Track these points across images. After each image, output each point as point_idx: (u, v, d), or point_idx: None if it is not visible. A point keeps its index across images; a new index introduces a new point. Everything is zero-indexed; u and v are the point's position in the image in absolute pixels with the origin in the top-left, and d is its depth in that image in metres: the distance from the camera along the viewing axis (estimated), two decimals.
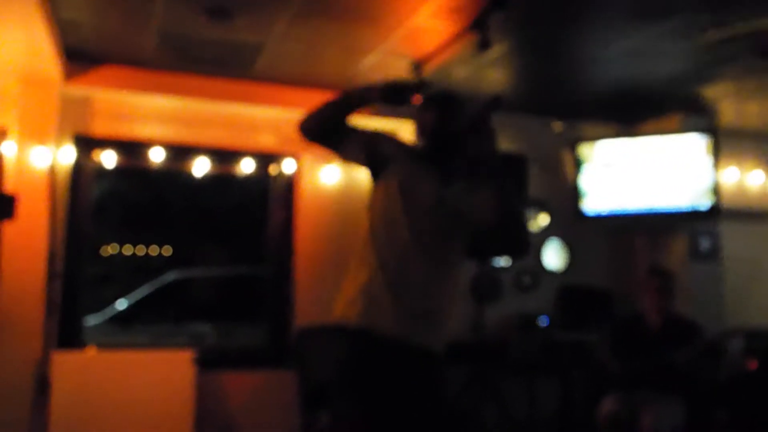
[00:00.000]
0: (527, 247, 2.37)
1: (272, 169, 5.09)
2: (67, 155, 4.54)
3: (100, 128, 4.66)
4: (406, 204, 2.29)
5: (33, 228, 4.23)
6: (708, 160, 5.11)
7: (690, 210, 5.17)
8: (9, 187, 4.24)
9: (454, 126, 2.31)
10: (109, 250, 12.56)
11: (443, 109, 2.38)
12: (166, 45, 4.15)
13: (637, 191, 5.29)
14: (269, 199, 5.19)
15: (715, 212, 5.16)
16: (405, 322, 2.22)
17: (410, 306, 2.24)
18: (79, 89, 4.49)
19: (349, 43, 4.07)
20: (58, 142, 4.46)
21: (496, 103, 2.22)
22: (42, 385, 4.14)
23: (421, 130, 2.43)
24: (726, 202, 5.42)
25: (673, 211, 5.21)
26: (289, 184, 5.09)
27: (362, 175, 5.13)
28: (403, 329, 2.22)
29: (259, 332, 5.30)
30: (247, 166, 4.99)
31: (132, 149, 4.74)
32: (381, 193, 2.38)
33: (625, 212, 5.35)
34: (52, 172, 4.38)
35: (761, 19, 3.58)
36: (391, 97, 2.40)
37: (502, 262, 5.33)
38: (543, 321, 5.20)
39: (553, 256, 5.63)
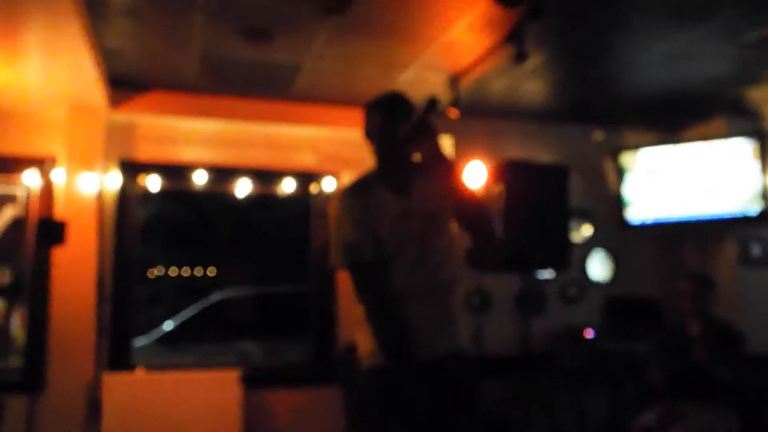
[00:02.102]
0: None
1: (313, 188, 5.13)
2: (113, 180, 4.64)
3: (144, 153, 4.77)
4: (384, 242, 2.30)
5: (82, 253, 4.34)
6: (755, 164, 4.98)
7: (739, 216, 5.04)
8: (59, 214, 4.36)
9: (401, 127, 2.30)
10: (156, 272, 12.80)
11: (390, 110, 2.39)
12: (206, 69, 4.24)
13: (683, 198, 5.18)
14: (310, 217, 5.22)
15: (766, 217, 5.02)
16: (423, 342, 2.26)
17: (420, 324, 2.28)
18: (123, 115, 4.61)
19: (385, 59, 4.09)
20: (105, 168, 4.58)
21: (432, 104, 2.26)
22: (93, 407, 4.22)
23: (369, 134, 2.44)
24: None
25: (722, 217, 5.08)
26: (331, 195, 5.12)
27: None
28: (423, 349, 2.26)
29: (305, 349, 5.31)
30: (288, 186, 5.04)
31: (176, 172, 4.84)
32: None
33: (671, 220, 5.24)
34: (100, 197, 4.49)
35: None
36: None
37: (547, 274, 5.26)
38: (589, 333, 5.11)
39: (598, 267, 5.54)
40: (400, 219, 2.31)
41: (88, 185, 4.42)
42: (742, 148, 5.01)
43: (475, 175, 4.50)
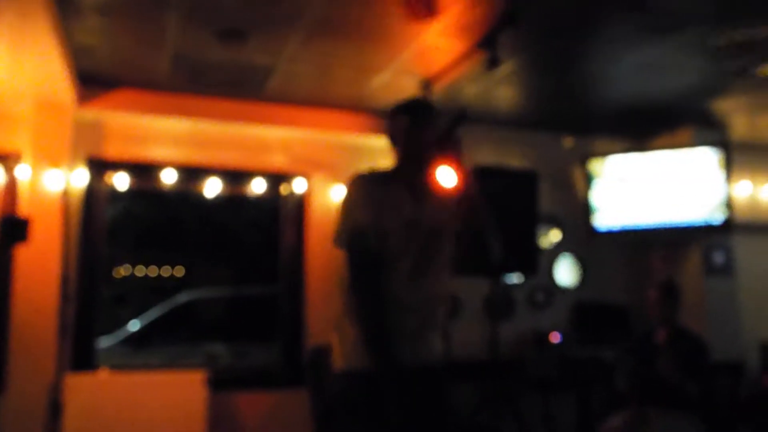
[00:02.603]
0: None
1: (283, 189, 5.11)
2: (80, 178, 4.57)
3: (112, 151, 4.69)
4: (387, 237, 2.27)
5: (46, 251, 4.26)
6: (720, 174, 5.09)
7: (703, 224, 5.14)
8: (23, 211, 4.28)
9: (427, 134, 2.30)
10: (123, 271, 12.63)
11: (416, 114, 2.38)
12: (178, 68, 4.20)
13: (650, 206, 5.27)
14: (280, 219, 5.20)
15: (729, 226, 5.12)
16: (407, 352, 2.24)
17: (409, 332, 2.27)
18: (92, 113, 4.53)
19: (359, 62, 4.10)
20: (72, 166, 4.50)
21: (462, 115, 2.26)
22: (55, 408, 4.14)
23: (394, 138, 2.41)
24: (739, 216, 5.39)
25: (687, 225, 5.18)
26: (299, 204, 5.11)
27: None
28: (407, 358, 2.23)
29: (272, 352, 5.28)
30: (258, 187, 5.01)
31: (145, 171, 4.77)
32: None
33: (638, 227, 5.32)
34: (66, 195, 4.41)
35: None
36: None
37: (515, 279, 5.31)
38: (555, 337, 5.16)
39: (566, 273, 5.60)
40: (408, 223, 2.29)
41: (54, 182, 4.33)
42: (708, 157, 5.12)
43: (446, 179, 4.52)
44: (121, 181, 4.73)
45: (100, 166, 4.67)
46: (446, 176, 2.29)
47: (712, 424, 3.92)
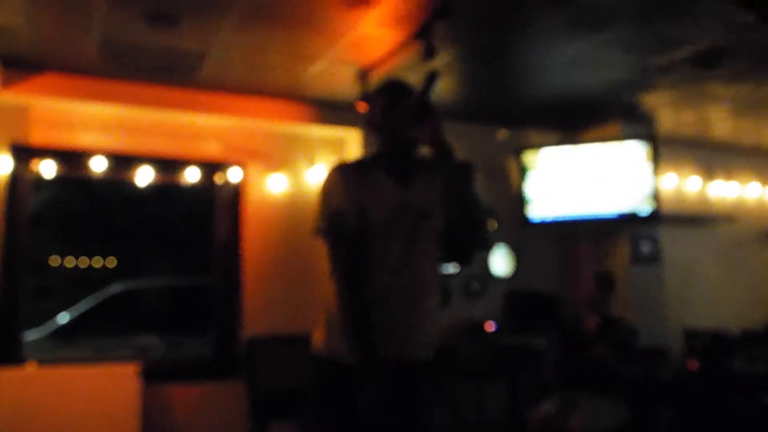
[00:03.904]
0: (485, 244, 2.36)
1: (218, 178, 5.03)
2: (3, 165, 4.39)
3: (38, 137, 4.53)
4: (372, 223, 2.22)
5: None
6: (647, 166, 5.27)
7: (631, 215, 5.31)
8: None
9: (404, 111, 2.20)
10: (51, 262, 12.22)
11: (391, 94, 2.32)
12: (107, 52, 4.07)
13: (580, 197, 5.42)
14: (215, 208, 5.12)
15: (655, 217, 5.32)
16: (391, 340, 2.18)
17: (393, 324, 2.20)
18: (16, 97, 4.35)
19: (294, 50, 4.06)
20: None
21: (431, 79, 2.16)
22: None
23: (373, 122, 2.36)
24: (665, 208, 5.59)
25: (615, 216, 5.34)
26: (235, 193, 5.04)
27: (309, 184, 5.11)
28: (389, 348, 2.17)
29: (207, 343, 5.21)
30: (191, 175, 4.91)
31: (72, 158, 4.62)
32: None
33: (568, 218, 5.46)
34: None
35: (695, 30, 3.72)
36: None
37: (451, 268, 5.37)
38: (490, 326, 5.25)
39: (500, 262, 5.70)
40: (394, 209, 2.23)
41: None
42: (636, 150, 5.29)
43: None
44: (47, 169, 4.57)
45: (24, 153, 4.49)
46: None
47: (636, 406, 4.07)
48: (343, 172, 2.29)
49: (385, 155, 2.33)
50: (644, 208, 5.27)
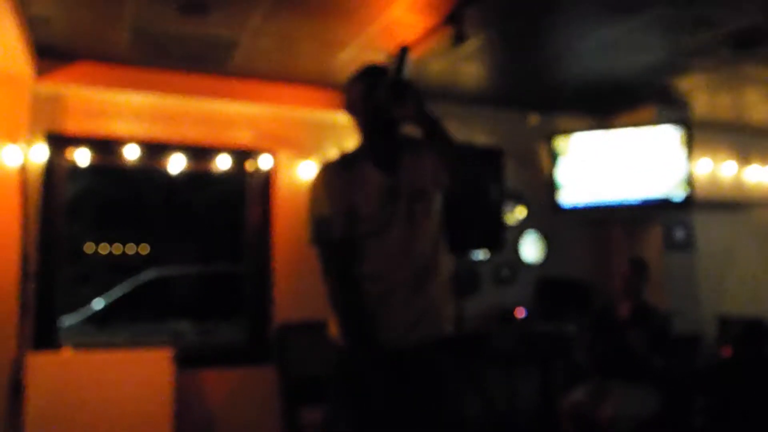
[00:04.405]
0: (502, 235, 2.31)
1: (249, 165, 5.06)
2: (39, 154, 4.47)
3: (73, 126, 4.59)
4: (364, 219, 2.21)
5: (5, 228, 4.16)
6: (682, 151, 5.17)
7: (664, 201, 5.23)
8: None
9: (382, 94, 2.15)
10: (86, 249, 12.44)
11: (368, 79, 2.29)
12: (139, 41, 4.10)
13: (613, 183, 5.35)
14: (246, 196, 5.15)
15: (689, 203, 5.23)
16: (399, 328, 2.18)
17: (400, 313, 2.19)
18: (51, 86, 4.42)
19: (324, 37, 4.05)
20: (30, 141, 4.39)
21: (402, 54, 2.12)
22: (16, 388, 4.08)
23: (353, 110, 2.33)
24: (700, 193, 5.50)
25: (648, 202, 5.27)
26: (265, 180, 5.06)
27: None
28: (398, 337, 2.18)
29: (239, 329, 5.27)
30: (223, 163, 4.95)
31: (106, 147, 4.68)
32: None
33: (600, 204, 5.40)
34: (24, 171, 4.31)
35: (731, 11, 3.63)
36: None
37: (481, 255, 5.35)
38: (521, 312, 5.23)
39: (531, 249, 5.67)
40: (386, 197, 2.21)
41: (12, 158, 4.22)
42: (670, 135, 5.20)
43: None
44: (82, 157, 4.63)
45: (60, 142, 4.56)
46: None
47: (669, 394, 4.03)
48: (326, 175, 2.30)
49: (369, 143, 2.31)
50: (678, 194, 5.19)
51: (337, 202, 2.22)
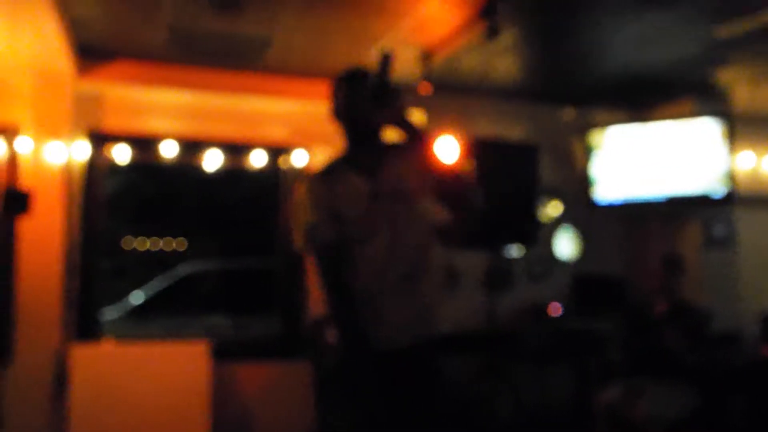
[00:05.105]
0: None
1: (282, 162, 5.10)
2: (81, 151, 4.57)
3: (112, 123, 4.69)
4: (350, 224, 2.23)
5: (49, 223, 4.27)
6: (722, 145, 5.06)
7: (704, 196, 5.13)
8: (24, 183, 4.28)
9: (364, 98, 2.19)
10: (124, 244, 12.67)
11: (351, 84, 2.30)
12: (175, 39, 4.17)
13: (650, 178, 5.25)
14: (280, 191, 5.20)
15: (730, 198, 5.11)
16: (391, 330, 2.21)
17: (391, 314, 2.22)
18: (91, 85, 4.52)
19: (357, 32, 4.07)
20: (72, 138, 4.50)
21: (385, 60, 2.14)
22: (61, 378, 4.20)
23: (337, 114, 2.35)
24: (741, 188, 5.37)
25: (687, 197, 5.17)
26: (299, 176, 5.10)
27: None
28: (390, 338, 2.21)
29: (273, 323, 5.33)
30: (257, 159, 5.00)
31: (144, 144, 4.77)
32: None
33: (637, 200, 5.31)
34: (67, 168, 4.42)
35: None
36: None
37: (515, 252, 5.32)
38: (556, 309, 5.19)
39: (566, 245, 5.62)
40: (369, 201, 2.23)
41: (55, 155, 4.33)
42: (710, 128, 5.08)
43: (448, 151, 4.52)
44: (121, 154, 4.73)
45: (100, 139, 4.66)
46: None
47: (707, 394, 3.96)
48: (313, 184, 2.33)
49: (352, 149, 2.34)
50: (718, 189, 5.08)
51: (321, 208, 2.25)
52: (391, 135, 2.29)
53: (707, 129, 5.09)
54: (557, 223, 5.60)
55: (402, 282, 2.24)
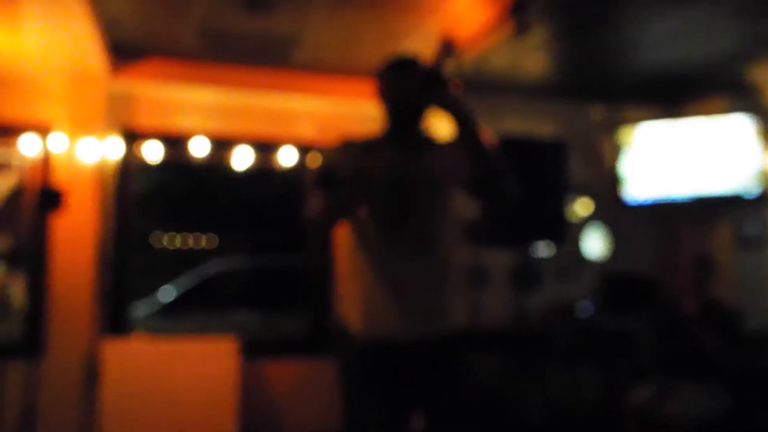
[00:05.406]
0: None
1: (311, 159, 5.12)
2: (114, 149, 4.64)
3: (144, 122, 4.75)
4: (376, 199, 2.21)
5: (82, 220, 4.36)
6: (756, 143, 4.97)
7: (737, 196, 5.03)
8: (58, 181, 4.37)
9: (412, 84, 2.12)
10: (155, 242, 12.83)
11: (401, 68, 2.29)
12: (206, 37, 4.21)
13: (681, 176, 5.17)
14: (308, 190, 5.21)
15: (764, 198, 5.02)
16: (409, 321, 2.20)
17: (412, 305, 2.20)
18: (124, 84, 4.58)
19: (387, 29, 4.07)
20: (106, 137, 4.57)
21: (446, 49, 2.05)
22: (92, 372, 4.27)
23: (382, 97, 2.33)
24: None
25: (719, 196, 5.08)
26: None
27: None
28: (408, 330, 2.20)
29: (302, 320, 5.36)
30: (287, 157, 5.03)
31: (175, 142, 4.83)
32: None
33: (668, 199, 5.23)
34: (100, 166, 4.49)
35: None
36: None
37: (543, 250, 5.28)
38: (585, 308, 5.15)
39: (595, 244, 5.56)
40: (403, 184, 2.20)
41: (89, 153, 4.42)
42: (743, 126, 4.99)
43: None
44: (153, 152, 4.79)
45: (132, 137, 4.73)
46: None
47: (739, 394, 3.90)
48: (347, 144, 2.33)
49: (392, 129, 2.31)
50: (751, 188, 4.98)
51: (349, 166, 2.21)
52: (441, 121, 2.21)
53: (741, 126, 5.00)
54: (586, 221, 5.55)
55: (424, 272, 2.22)
